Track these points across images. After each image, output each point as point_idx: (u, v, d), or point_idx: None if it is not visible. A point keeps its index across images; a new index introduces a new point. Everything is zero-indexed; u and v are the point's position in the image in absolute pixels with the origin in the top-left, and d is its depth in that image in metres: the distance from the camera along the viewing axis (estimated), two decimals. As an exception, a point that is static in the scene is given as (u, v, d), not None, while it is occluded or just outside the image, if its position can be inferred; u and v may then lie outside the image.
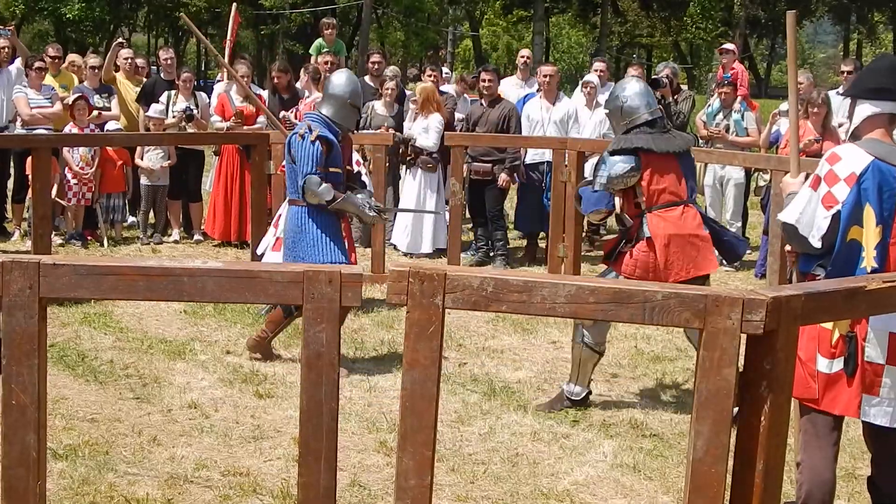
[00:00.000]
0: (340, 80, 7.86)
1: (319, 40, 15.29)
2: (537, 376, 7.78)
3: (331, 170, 7.52)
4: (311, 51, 15.50)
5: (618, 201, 7.05)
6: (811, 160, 9.85)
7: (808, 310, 3.42)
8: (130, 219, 13.51)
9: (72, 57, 14.49)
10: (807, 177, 4.90)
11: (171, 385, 7.24)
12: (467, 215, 12.60)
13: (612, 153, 6.95)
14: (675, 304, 3.28)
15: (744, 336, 3.33)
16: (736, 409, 3.42)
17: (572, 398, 7.06)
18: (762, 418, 3.38)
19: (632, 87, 7.16)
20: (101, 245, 12.35)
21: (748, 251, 12.82)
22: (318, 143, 7.41)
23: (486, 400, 7.13)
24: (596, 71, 13.77)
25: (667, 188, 6.94)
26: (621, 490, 5.76)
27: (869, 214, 4.58)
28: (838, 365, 4.61)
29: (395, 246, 12.44)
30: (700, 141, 13.07)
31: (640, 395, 7.38)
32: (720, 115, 12.45)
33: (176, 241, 12.81)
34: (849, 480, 6.00)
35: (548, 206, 11.29)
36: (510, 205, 13.27)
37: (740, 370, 3.37)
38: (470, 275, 3.35)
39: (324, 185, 7.41)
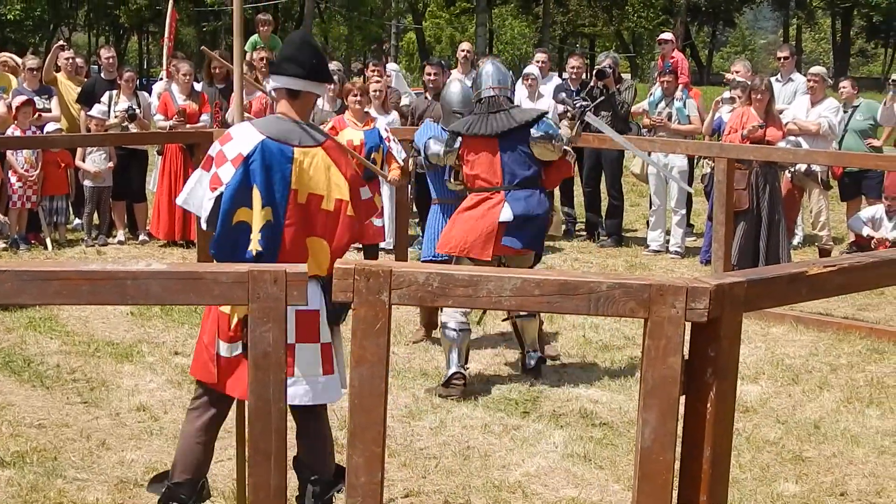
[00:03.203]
0: (451, 92, 8.18)
1: (255, 36, 15.24)
2: (487, 368, 7.82)
3: None
4: (245, 47, 15.46)
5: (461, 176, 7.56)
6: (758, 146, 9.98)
7: (752, 296, 3.45)
8: (75, 221, 13.38)
9: (2, 56, 14.29)
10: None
11: (119, 388, 7.19)
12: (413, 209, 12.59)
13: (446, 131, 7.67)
14: (620, 294, 3.29)
15: (689, 324, 3.36)
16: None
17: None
18: (708, 405, 3.40)
19: (484, 68, 7.65)
20: (45, 248, 12.22)
21: (691, 244, 12.94)
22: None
23: (436, 394, 7.14)
24: (537, 62, 13.81)
25: (479, 174, 7.35)
26: (572, 480, 5.79)
27: (256, 196, 4.54)
28: (237, 349, 4.59)
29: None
30: (643, 129, 13.17)
31: (589, 385, 7.42)
32: (662, 104, 12.53)
33: (121, 242, 12.70)
34: (796, 463, 6.08)
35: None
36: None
37: (685, 358, 3.40)
38: (415, 270, 3.35)
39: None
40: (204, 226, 4.66)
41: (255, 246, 4.53)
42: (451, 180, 7.68)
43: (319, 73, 4.82)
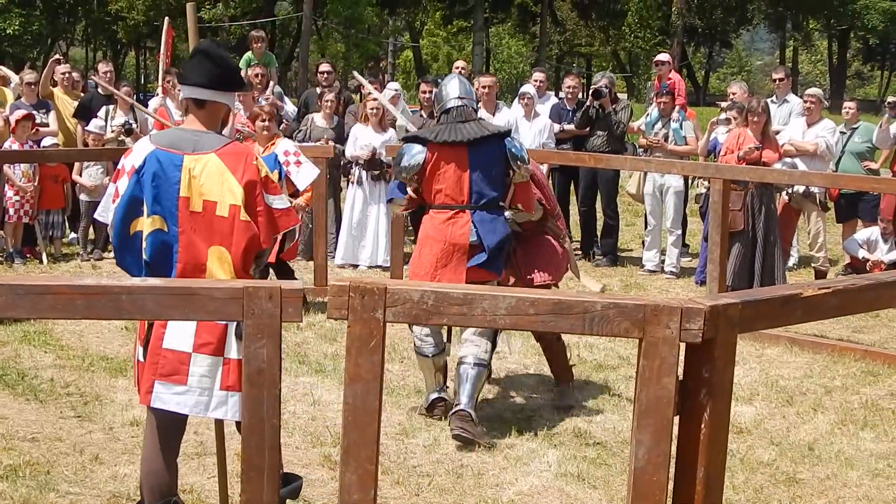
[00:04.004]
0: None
1: (249, 53, 15.20)
2: (481, 387, 7.80)
3: None
4: (240, 64, 15.42)
5: (409, 191, 7.04)
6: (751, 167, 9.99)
7: (746, 317, 3.45)
8: (71, 235, 13.38)
9: None
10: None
11: (113, 402, 7.17)
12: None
13: (404, 139, 7.26)
14: (615, 313, 3.30)
15: (683, 344, 3.36)
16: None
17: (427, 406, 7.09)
18: (702, 425, 3.41)
19: (449, 82, 7.15)
20: (41, 262, 12.21)
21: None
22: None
23: (419, 413, 7.11)
24: (534, 82, 13.83)
25: (444, 189, 6.86)
26: (566, 499, 5.78)
27: (145, 206, 4.62)
28: (141, 354, 4.69)
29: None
30: (639, 150, 13.19)
31: (584, 404, 7.41)
32: (659, 124, 12.56)
33: (116, 257, 12.66)
34: (790, 485, 6.06)
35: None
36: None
37: (680, 379, 3.40)
38: (410, 288, 3.35)
39: None
40: (110, 236, 4.76)
41: (144, 254, 4.61)
42: (395, 199, 7.22)
43: (225, 82, 4.77)
